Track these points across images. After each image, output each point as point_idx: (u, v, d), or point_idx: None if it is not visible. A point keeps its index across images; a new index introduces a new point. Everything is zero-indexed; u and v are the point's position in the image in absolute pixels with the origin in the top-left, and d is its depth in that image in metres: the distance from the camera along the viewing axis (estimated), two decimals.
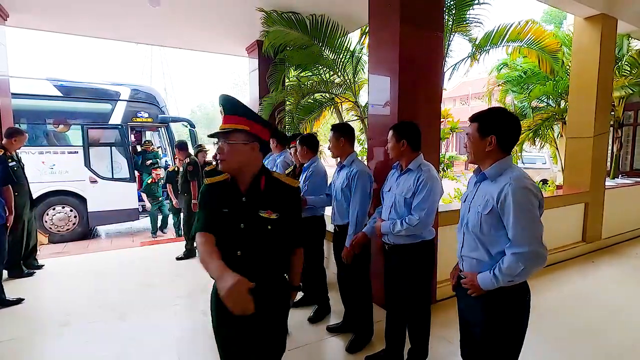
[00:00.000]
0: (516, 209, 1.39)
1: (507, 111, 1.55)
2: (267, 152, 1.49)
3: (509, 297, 1.48)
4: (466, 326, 1.66)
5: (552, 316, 3.02)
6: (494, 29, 4.66)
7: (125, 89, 7.49)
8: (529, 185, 1.42)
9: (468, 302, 1.59)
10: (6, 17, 4.44)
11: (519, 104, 7.41)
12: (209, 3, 4.32)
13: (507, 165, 1.49)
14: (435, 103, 3.17)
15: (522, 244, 1.39)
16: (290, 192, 1.43)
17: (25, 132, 4.01)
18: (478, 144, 1.52)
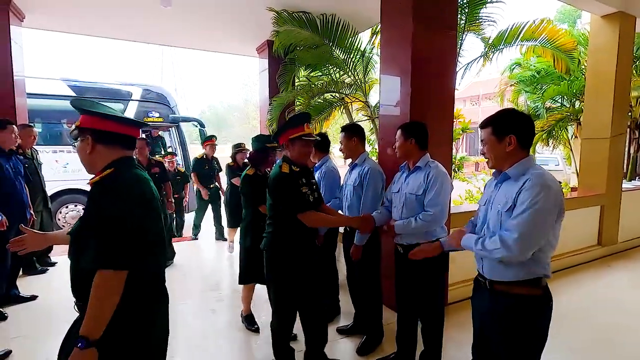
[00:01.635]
0: (529, 205, 1.34)
1: (518, 110, 1.53)
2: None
3: (531, 304, 1.42)
4: (481, 332, 1.61)
5: (567, 322, 2.94)
6: (507, 27, 4.58)
7: (137, 89, 7.58)
8: (551, 185, 1.37)
9: (485, 308, 1.54)
10: (22, 19, 4.52)
11: (532, 104, 7.28)
12: (220, 3, 4.34)
13: (530, 164, 1.45)
14: (448, 103, 3.13)
15: (514, 232, 1.35)
16: None
17: (31, 126, 4.02)
18: (496, 146, 1.48)
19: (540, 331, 1.45)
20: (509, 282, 1.44)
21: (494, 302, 1.49)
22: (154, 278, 1.29)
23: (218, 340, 2.82)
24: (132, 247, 1.15)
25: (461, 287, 3.30)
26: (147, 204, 1.23)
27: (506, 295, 1.45)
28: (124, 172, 1.22)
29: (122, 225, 1.14)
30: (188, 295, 3.61)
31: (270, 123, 5.56)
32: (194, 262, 4.79)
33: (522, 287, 1.42)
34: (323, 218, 2.14)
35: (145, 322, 1.24)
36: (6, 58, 4.21)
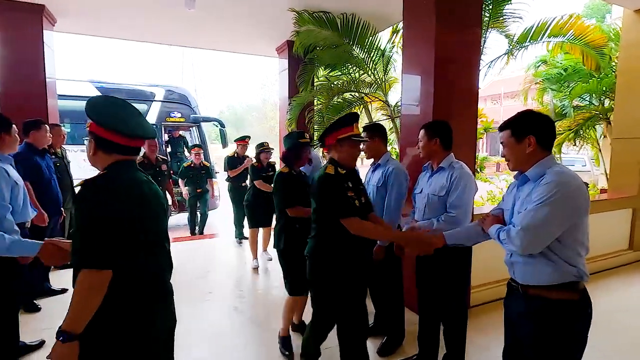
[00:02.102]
0: (538, 199, 1.33)
1: (537, 111, 1.50)
2: None
3: (568, 309, 1.38)
4: (514, 338, 1.56)
5: (599, 327, 2.83)
6: (533, 24, 4.44)
7: (159, 89, 7.79)
8: (567, 182, 1.33)
9: (519, 313, 1.49)
10: (54, 23, 4.71)
11: (558, 102, 7.04)
12: (242, 4, 4.40)
13: (550, 164, 1.41)
14: (472, 102, 3.07)
15: (518, 224, 1.37)
16: None
17: (59, 126, 4.17)
18: (516, 148, 1.46)
19: (578, 338, 1.40)
20: (544, 287, 1.40)
21: (528, 308, 1.44)
22: (153, 277, 1.31)
23: (236, 338, 2.86)
24: (118, 247, 1.15)
25: (484, 290, 3.23)
26: (141, 205, 1.25)
27: (541, 300, 1.40)
28: (117, 174, 1.25)
29: (106, 224, 1.14)
30: (208, 293, 3.68)
31: (290, 123, 5.59)
32: (214, 260, 4.88)
33: (558, 292, 1.37)
34: (368, 227, 1.87)
35: (143, 320, 1.25)
36: (39, 61, 4.39)
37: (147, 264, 1.28)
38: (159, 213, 1.37)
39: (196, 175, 6.14)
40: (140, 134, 1.32)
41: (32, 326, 2.78)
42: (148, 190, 1.32)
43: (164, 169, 4.39)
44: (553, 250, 1.36)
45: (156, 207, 1.35)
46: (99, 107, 1.30)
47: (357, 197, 1.92)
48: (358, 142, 1.95)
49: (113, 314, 1.19)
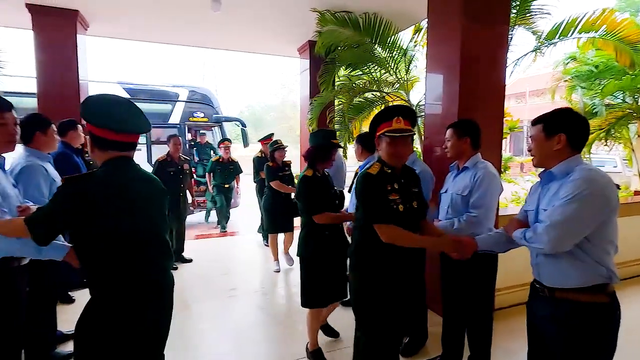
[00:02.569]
0: (565, 196, 1.31)
1: (573, 110, 1.47)
2: None
3: (597, 312, 1.34)
4: (539, 342, 1.53)
5: (627, 335, 2.72)
6: (563, 19, 4.29)
7: (183, 90, 7.98)
8: (595, 179, 1.31)
9: (545, 317, 1.46)
10: (87, 27, 4.92)
11: (589, 101, 6.77)
12: (265, 6, 4.46)
13: (577, 162, 1.39)
14: (498, 102, 3.01)
15: (546, 220, 1.34)
16: None
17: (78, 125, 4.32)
18: (544, 144, 1.44)
19: (608, 343, 1.36)
20: (572, 289, 1.36)
21: (555, 311, 1.41)
22: (142, 276, 1.35)
23: (259, 334, 2.91)
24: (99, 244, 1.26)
25: (509, 292, 3.16)
26: (119, 203, 1.30)
27: (569, 302, 1.37)
28: (104, 173, 1.31)
29: (61, 216, 1.24)
30: (231, 290, 3.76)
31: (311, 122, 5.63)
32: (235, 259, 4.97)
33: (586, 294, 1.34)
34: (401, 235, 1.63)
35: (132, 315, 1.32)
36: (73, 64, 4.60)
37: (133, 262, 1.32)
38: (152, 213, 1.41)
39: (224, 170, 6.17)
40: (129, 129, 1.36)
41: (66, 317, 2.92)
42: (140, 188, 1.38)
43: (185, 168, 4.50)
44: (582, 249, 1.33)
45: (149, 207, 1.40)
46: (91, 106, 1.36)
47: (404, 200, 1.69)
48: (396, 138, 1.67)
49: (102, 308, 1.30)
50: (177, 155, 4.43)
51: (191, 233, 6.76)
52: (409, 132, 1.69)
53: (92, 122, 1.32)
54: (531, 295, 1.57)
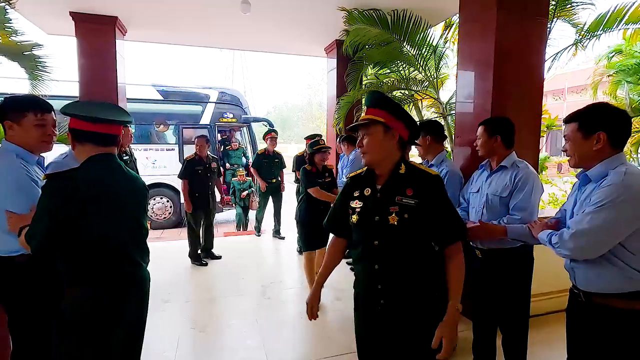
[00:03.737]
0: (597, 201, 1.24)
1: (610, 105, 1.37)
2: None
3: (634, 319, 1.26)
4: (577, 350, 1.44)
5: None
6: (608, 10, 4.02)
7: (213, 91, 8.21)
8: (632, 183, 1.22)
9: (582, 323, 1.38)
10: (125, 33, 5.16)
11: (636, 97, 6.31)
12: (293, 6, 4.49)
13: (617, 162, 1.29)
14: (536, 100, 2.87)
15: (573, 226, 1.29)
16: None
17: (128, 127, 4.58)
18: (582, 144, 1.35)
19: None
20: (609, 295, 1.29)
21: (592, 317, 1.34)
22: (117, 269, 1.39)
23: (286, 329, 2.94)
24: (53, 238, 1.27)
25: (547, 298, 3.00)
26: (111, 203, 1.34)
27: (606, 309, 1.30)
28: (90, 170, 1.34)
29: (45, 216, 1.26)
30: (261, 286, 3.82)
31: (337, 122, 5.61)
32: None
33: (624, 301, 1.26)
34: None
35: (108, 308, 1.36)
36: (112, 69, 4.84)
37: (103, 256, 1.35)
38: (129, 209, 1.44)
39: (270, 163, 5.55)
40: (107, 119, 1.38)
41: None
42: (123, 186, 1.41)
43: (213, 166, 4.62)
44: (618, 256, 1.26)
45: (127, 203, 1.42)
46: (73, 103, 1.41)
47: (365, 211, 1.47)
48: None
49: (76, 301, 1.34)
50: (204, 153, 4.55)
51: (220, 231, 6.94)
52: (366, 122, 1.35)
53: (70, 113, 1.36)
54: (570, 301, 1.49)
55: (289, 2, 4.34)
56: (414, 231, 1.30)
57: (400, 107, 1.37)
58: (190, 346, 2.68)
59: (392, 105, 1.36)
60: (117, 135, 1.45)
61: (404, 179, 1.33)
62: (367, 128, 1.35)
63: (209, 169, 4.55)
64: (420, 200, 1.29)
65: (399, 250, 1.31)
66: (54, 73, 4.80)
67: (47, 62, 4.72)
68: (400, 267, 1.31)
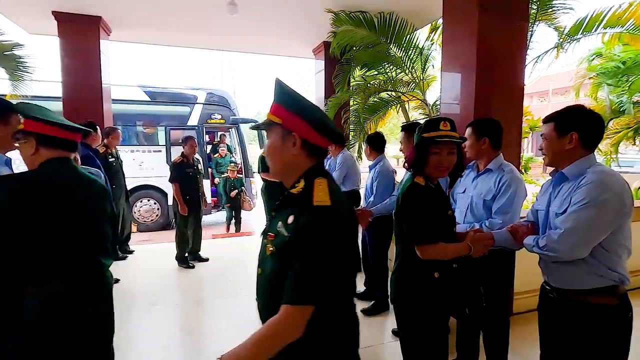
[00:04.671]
0: (580, 201, 1.27)
1: (586, 108, 1.42)
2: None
3: (607, 314, 1.32)
4: (551, 346, 1.49)
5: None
6: (587, 14, 4.14)
7: (201, 92, 8.14)
8: (610, 183, 1.28)
9: (555, 319, 1.43)
10: (109, 33, 5.09)
11: (616, 98, 6.51)
12: (280, 8, 4.50)
13: (589, 163, 1.36)
14: (517, 101, 2.93)
15: (560, 227, 1.31)
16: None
17: (117, 129, 4.55)
18: (556, 143, 1.40)
19: (619, 345, 1.33)
20: (580, 291, 1.35)
21: (564, 313, 1.39)
22: (79, 269, 1.40)
23: None
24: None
25: (527, 297, 3.06)
26: (35, 206, 1.33)
27: (578, 304, 1.35)
28: (40, 173, 1.36)
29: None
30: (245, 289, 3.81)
31: None
32: None
33: (596, 296, 1.32)
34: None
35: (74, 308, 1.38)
36: (97, 69, 4.77)
37: (59, 258, 1.36)
38: (83, 212, 1.42)
39: None
40: (74, 126, 1.43)
41: None
42: (74, 190, 1.40)
43: (200, 168, 4.60)
44: (594, 254, 1.31)
45: (79, 207, 1.41)
46: (33, 107, 1.43)
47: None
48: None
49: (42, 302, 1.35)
50: (192, 156, 4.53)
51: (208, 233, 6.89)
52: (264, 125, 1.10)
53: (25, 115, 1.38)
54: (541, 298, 1.54)
55: (276, 3, 4.34)
56: (278, 271, 0.96)
57: (298, 99, 1.04)
58: (178, 349, 2.66)
59: (289, 99, 1.04)
60: (76, 141, 1.50)
61: (293, 202, 1.00)
62: (268, 131, 1.07)
63: (197, 170, 4.53)
64: (295, 235, 0.93)
65: (269, 289, 1.00)
66: (36, 73, 4.72)
67: (29, 62, 4.63)
68: (271, 310, 0.93)
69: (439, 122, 1.52)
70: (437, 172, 1.54)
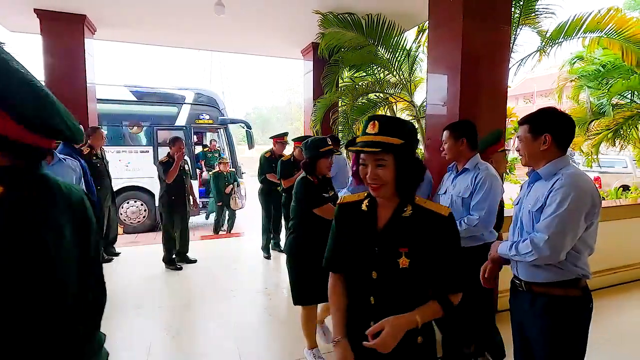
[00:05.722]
0: (559, 204, 1.33)
1: (558, 110, 1.50)
2: None
3: (570, 304, 1.42)
4: (522, 336, 1.57)
5: (611, 347, 2.69)
6: (568, 19, 4.26)
7: (189, 93, 8.06)
8: (582, 185, 1.35)
9: (524, 310, 1.51)
10: (94, 32, 5.01)
11: (596, 101, 6.69)
12: (267, 8, 4.50)
13: (563, 164, 1.42)
14: (500, 102, 3.00)
15: (544, 232, 1.35)
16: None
17: (99, 128, 4.46)
18: (531, 144, 1.47)
19: (581, 332, 1.43)
20: (547, 283, 1.43)
21: (532, 304, 1.48)
22: None
23: (263, 333, 2.93)
24: None
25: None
26: None
27: (544, 296, 1.44)
28: None
29: None
30: (230, 291, 3.79)
31: (314, 124, 5.65)
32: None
33: (561, 288, 1.41)
34: None
35: None
36: (81, 68, 4.69)
37: None
38: None
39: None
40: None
41: None
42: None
43: (187, 169, 4.54)
44: None
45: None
46: None
47: None
48: None
49: None
50: (181, 156, 4.47)
51: (196, 234, 6.82)
52: None
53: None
54: (511, 291, 1.62)
55: (264, 4, 4.34)
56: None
57: None
58: (163, 352, 2.63)
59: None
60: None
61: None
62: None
63: (184, 171, 4.48)
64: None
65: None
66: None
67: None
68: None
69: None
70: None
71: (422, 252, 1.10)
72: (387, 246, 1.11)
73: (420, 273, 1.10)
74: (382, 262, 1.11)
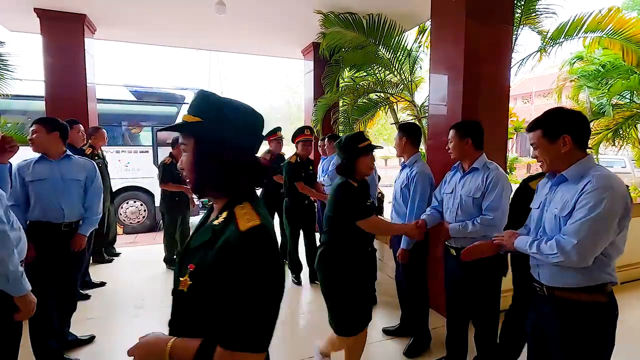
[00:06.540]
0: (591, 208, 1.25)
1: (570, 109, 1.43)
2: None
3: (595, 311, 1.34)
4: (539, 342, 1.52)
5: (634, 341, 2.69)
6: (569, 19, 4.27)
7: (189, 93, 8.03)
8: (616, 188, 1.27)
9: (545, 316, 1.46)
10: (94, 31, 4.99)
11: (596, 101, 6.71)
12: (269, 8, 4.49)
13: (590, 165, 1.35)
14: (503, 102, 3.01)
15: (573, 237, 1.27)
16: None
17: (101, 128, 4.45)
18: (550, 149, 1.39)
19: (606, 341, 1.36)
20: (571, 289, 1.36)
21: (555, 310, 1.41)
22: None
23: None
24: None
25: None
26: None
27: (567, 302, 1.37)
28: None
29: None
30: None
31: (315, 124, 5.64)
32: None
33: (585, 294, 1.34)
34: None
35: None
36: (81, 68, 4.67)
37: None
38: None
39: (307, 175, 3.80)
40: None
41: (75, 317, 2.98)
42: None
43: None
44: None
45: None
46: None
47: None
48: None
49: None
50: (179, 158, 4.44)
51: None
52: None
53: None
54: (531, 295, 1.56)
55: (265, 3, 4.33)
56: None
57: None
58: None
59: None
60: None
61: None
62: None
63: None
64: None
65: None
66: (18, 72, 4.59)
67: (10, 61, 4.51)
68: None
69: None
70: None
71: (204, 277, 0.82)
72: (183, 257, 0.91)
73: (200, 300, 0.84)
74: (175, 275, 0.93)
